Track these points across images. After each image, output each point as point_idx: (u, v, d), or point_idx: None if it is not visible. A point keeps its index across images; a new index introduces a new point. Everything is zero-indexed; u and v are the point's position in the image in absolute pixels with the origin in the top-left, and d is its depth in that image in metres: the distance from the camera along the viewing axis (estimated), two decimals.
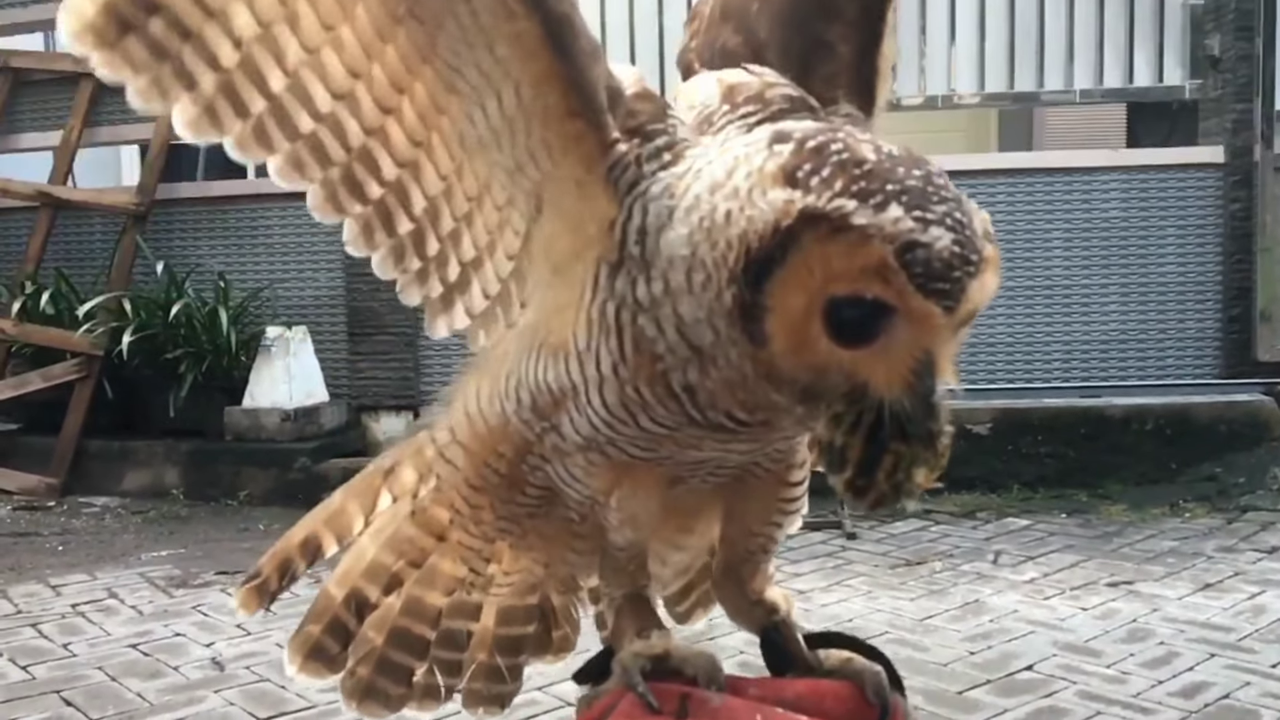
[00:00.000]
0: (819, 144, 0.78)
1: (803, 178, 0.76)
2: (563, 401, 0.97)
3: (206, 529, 5.28)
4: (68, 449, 5.91)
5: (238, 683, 3.35)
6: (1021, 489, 5.32)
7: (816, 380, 0.83)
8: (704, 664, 1.00)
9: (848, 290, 0.76)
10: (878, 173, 0.76)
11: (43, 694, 3.30)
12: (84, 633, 3.83)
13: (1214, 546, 4.51)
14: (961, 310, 0.77)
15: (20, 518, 5.54)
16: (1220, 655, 3.34)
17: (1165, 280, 5.95)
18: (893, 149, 0.79)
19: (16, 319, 6.08)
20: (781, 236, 0.76)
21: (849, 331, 0.78)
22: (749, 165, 0.80)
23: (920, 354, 0.79)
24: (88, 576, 4.52)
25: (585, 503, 1.05)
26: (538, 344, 0.99)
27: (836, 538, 4.79)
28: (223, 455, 5.81)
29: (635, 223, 0.88)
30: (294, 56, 0.97)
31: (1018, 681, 3.21)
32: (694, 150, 0.89)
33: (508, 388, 1.02)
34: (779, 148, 0.79)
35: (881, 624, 3.69)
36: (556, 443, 1.01)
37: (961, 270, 0.75)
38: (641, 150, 0.90)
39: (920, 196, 0.75)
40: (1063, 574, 4.21)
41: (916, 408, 0.82)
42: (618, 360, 0.90)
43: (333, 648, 1.27)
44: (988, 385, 5.92)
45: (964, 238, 0.76)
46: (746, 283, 0.78)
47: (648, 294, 0.86)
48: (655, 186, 0.88)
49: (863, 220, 0.74)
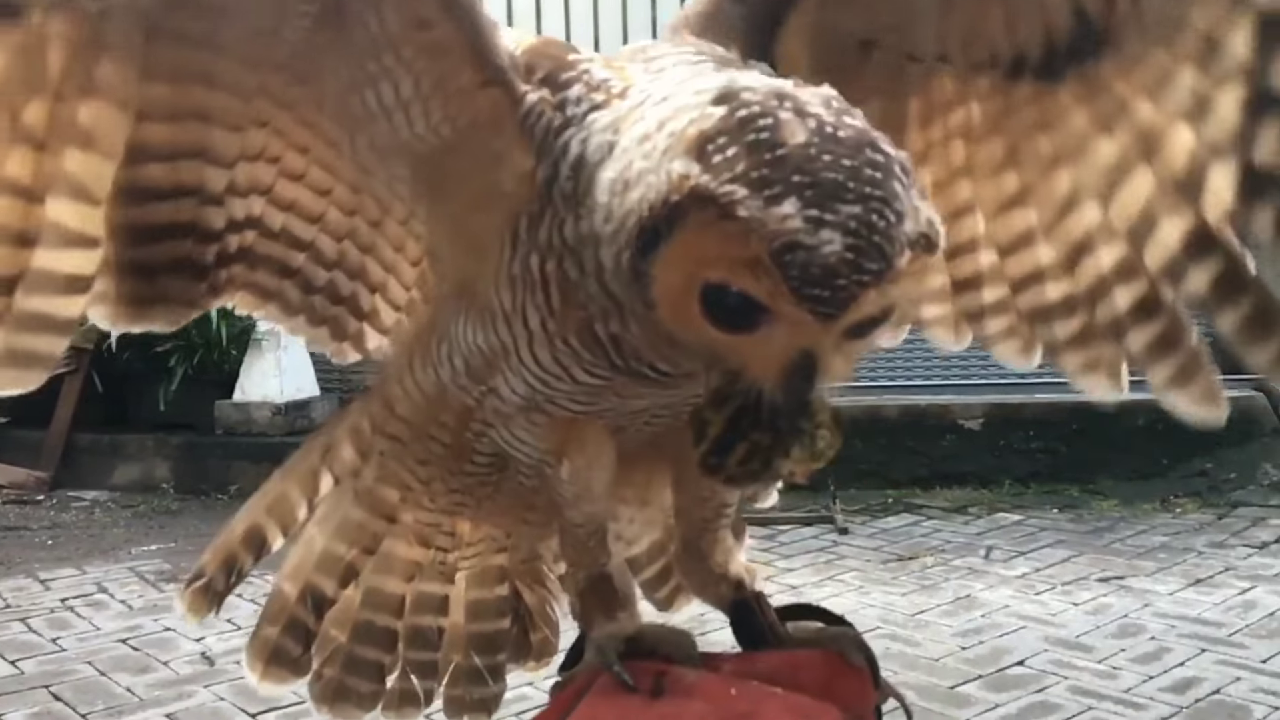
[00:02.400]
0: (748, 115, 0.73)
1: (712, 151, 0.72)
2: (496, 362, 0.96)
3: (197, 523, 5.26)
4: (57, 442, 5.89)
5: (227, 677, 3.33)
6: (1013, 484, 5.33)
7: (703, 352, 0.81)
8: (677, 642, 0.99)
9: (721, 278, 0.73)
10: (791, 159, 0.70)
11: (32, 689, 3.28)
12: (73, 627, 3.82)
13: (1205, 542, 4.52)
14: (844, 319, 0.72)
15: (9, 511, 5.52)
16: (1211, 650, 3.35)
17: None
18: (846, 130, 0.73)
19: None
20: (670, 210, 0.73)
21: (724, 317, 0.75)
22: (679, 121, 0.76)
23: (796, 352, 0.75)
24: (77, 571, 4.51)
25: (535, 466, 1.04)
26: (463, 309, 0.98)
27: (828, 533, 4.79)
28: (213, 449, 5.79)
29: (569, 159, 0.86)
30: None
31: (1009, 676, 3.21)
32: (636, 87, 0.87)
33: (440, 355, 1.01)
34: (712, 110, 0.74)
35: (873, 619, 3.69)
36: (497, 405, 1.00)
37: (849, 279, 0.70)
38: (557, 97, 0.89)
39: (829, 193, 0.70)
40: (1054, 569, 4.22)
41: (788, 403, 0.78)
42: (545, 314, 0.89)
43: (294, 649, 1.22)
44: (979, 380, 5.93)
45: (865, 244, 0.69)
46: (637, 249, 0.76)
47: (575, 233, 0.84)
48: (599, 121, 0.85)
49: (746, 212, 0.70)
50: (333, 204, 1.07)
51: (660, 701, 0.90)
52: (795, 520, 4.92)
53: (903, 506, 5.16)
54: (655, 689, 0.91)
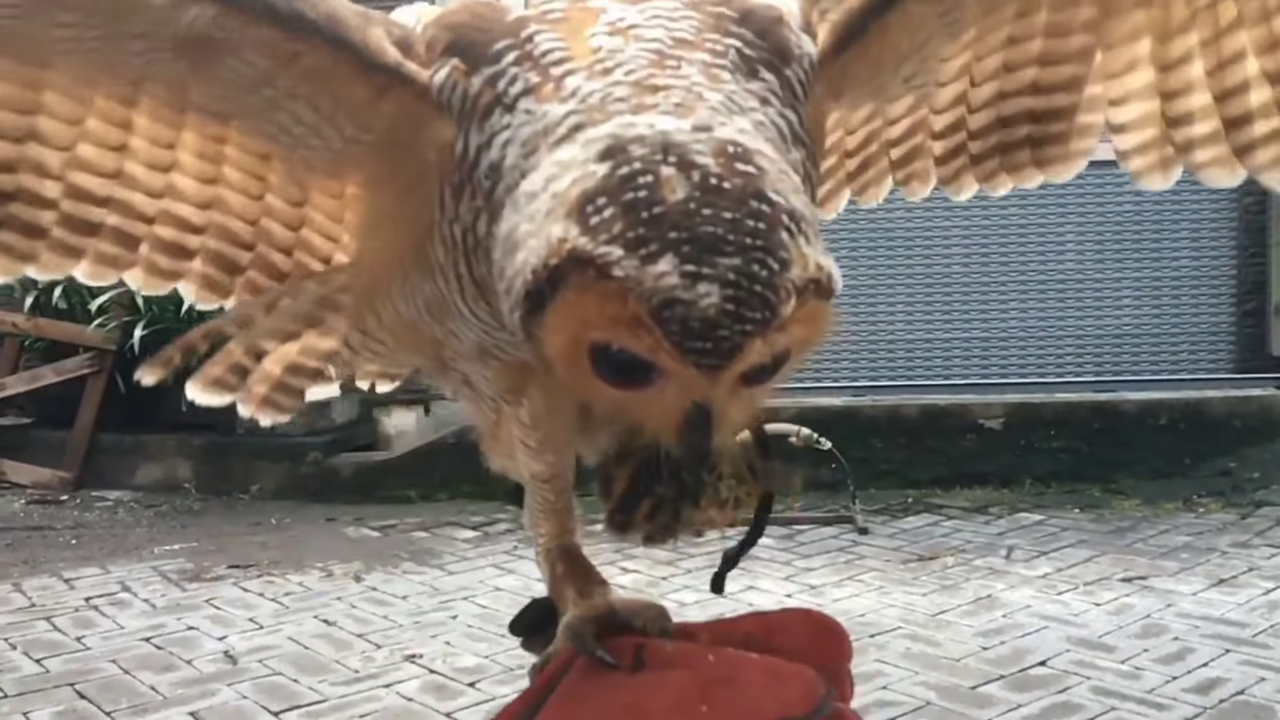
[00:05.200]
0: (629, 173, 0.73)
1: (590, 212, 0.72)
2: (445, 307, 0.97)
3: (218, 523, 5.29)
4: (81, 443, 5.94)
5: (250, 676, 3.36)
6: (1034, 484, 5.30)
7: (601, 407, 0.81)
8: (653, 614, 0.99)
9: (605, 338, 0.73)
10: (669, 216, 0.71)
11: (57, 687, 3.31)
12: (97, 626, 3.85)
13: (1228, 542, 4.49)
14: (731, 369, 0.72)
15: (34, 511, 5.57)
16: (1235, 651, 3.33)
17: (1179, 274, 5.92)
18: (733, 181, 0.73)
19: (29, 314, 6.11)
20: (550, 274, 0.73)
21: (615, 376, 0.75)
22: (563, 181, 0.76)
23: (690, 406, 0.75)
24: (100, 570, 4.54)
25: (496, 400, 1.05)
26: (414, 258, 0.98)
27: (848, 533, 4.78)
28: (234, 449, 5.83)
29: (490, 156, 0.84)
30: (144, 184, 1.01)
31: (1031, 677, 3.20)
32: (579, 76, 0.83)
33: (407, 291, 1.02)
34: (595, 168, 0.74)
35: (894, 619, 3.69)
36: (456, 347, 1.01)
37: (731, 329, 0.70)
38: (482, 68, 0.86)
39: (707, 247, 0.70)
40: (1076, 569, 4.20)
41: (687, 456, 0.78)
42: (466, 278, 0.89)
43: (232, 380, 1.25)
44: (1000, 380, 5.91)
45: (745, 294, 0.70)
46: (525, 311, 0.76)
47: (487, 232, 0.84)
48: (524, 128, 0.83)
49: (622, 272, 0.70)
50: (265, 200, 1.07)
51: (641, 674, 0.91)
52: (815, 520, 4.91)
53: (923, 506, 5.14)
54: (636, 663, 0.92)
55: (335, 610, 3.95)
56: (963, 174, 1.13)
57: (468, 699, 3.17)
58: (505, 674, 3.26)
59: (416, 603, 4.02)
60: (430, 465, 5.39)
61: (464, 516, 5.13)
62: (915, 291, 6.00)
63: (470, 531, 4.96)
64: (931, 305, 6.03)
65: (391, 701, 3.18)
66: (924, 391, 5.80)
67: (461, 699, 3.18)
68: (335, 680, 3.33)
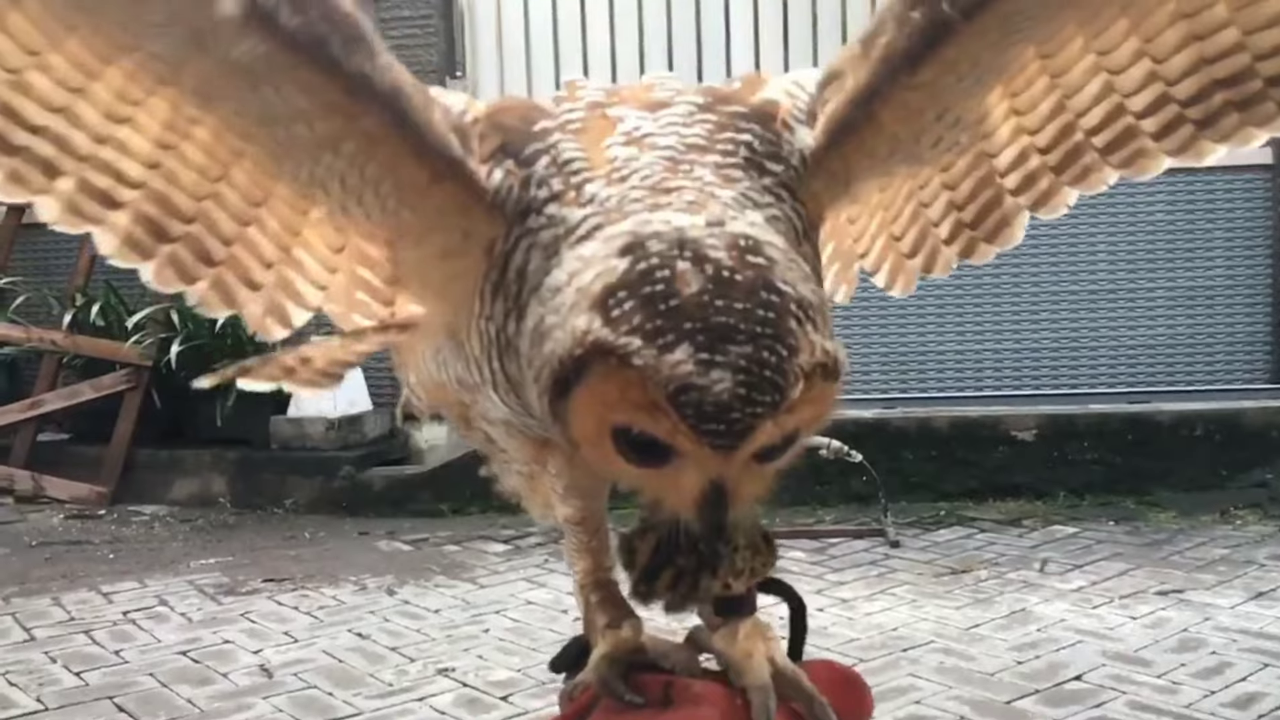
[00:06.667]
0: (648, 268, 0.78)
1: (612, 305, 0.78)
2: (475, 390, 1.02)
3: (253, 537, 5.34)
4: (117, 458, 6.01)
5: (286, 690, 3.38)
6: (1068, 496, 5.26)
7: (625, 484, 0.87)
8: (682, 658, 1.02)
9: (627, 421, 0.79)
10: (684, 309, 0.76)
11: (96, 700, 3.35)
12: (135, 639, 3.90)
13: (1266, 554, 4.44)
14: (744, 449, 0.78)
15: (71, 526, 5.64)
16: (1274, 665, 3.29)
17: (1213, 283, 5.86)
18: (745, 273, 0.78)
19: (68, 331, 6.19)
20: (575, 362, 0.79)
21: (636, 455, 0.81)
22: (587, 276, 0.81)
23: (706, 483, 0.81)
24: (138, 584, 4.59)
25: (523, 464, 1.11)
26: (447, 338, 1.03)
27: (880, 545, 4.76)
28: (268, 464, 5.88)
29: (516, 259, 0.89)
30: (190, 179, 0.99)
31: (1066, 691, 3.17)
32: (596, 184, 0.88)
33: (440, 360, 1.07)
34: (616, 263, 0.80)
35: (927, 633, 3.67)
36: (484, 412, 1.06)
37: (743, 412, 0.75)
38: (522, 172, 0.90)
39: (720, 336, 0.76)
40: (1111, 582, 4.16)
41: (705, 531, 0.84)
42: (500, 373, 0.94)
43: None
44: (1033, 391, 5.87)
45: (756, 379, 0.75)
46: (552, 397, 0.82)
47: (516, 331, 0.90)
48: (546, 231, 0.88)
49: (641, 361, 0.76)
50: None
51: (669, 711, 0.94)
52: (846, 533, 4.89)
53: (955, 519, 5.11)
54: (664, 700, 0.94)
55: (369, 624, 3.98)
56: (1053, 191, 1.13)
57: (501, 713, 3.18)
58: (538, 688, 3.27)
59: (449, 616, 4.04)
60: (462, 479, 5.41)
61: (495, 530, 5.15)
62: (945, 302, 5.98)
63: (502, 545, 4.98)
64: (963, 316, 6.00)
65: (425, 715, 3.20)
66: (955, 403, 5.77)
67: (495, 712, 3.19)
68: (370, 694, 3.35)
